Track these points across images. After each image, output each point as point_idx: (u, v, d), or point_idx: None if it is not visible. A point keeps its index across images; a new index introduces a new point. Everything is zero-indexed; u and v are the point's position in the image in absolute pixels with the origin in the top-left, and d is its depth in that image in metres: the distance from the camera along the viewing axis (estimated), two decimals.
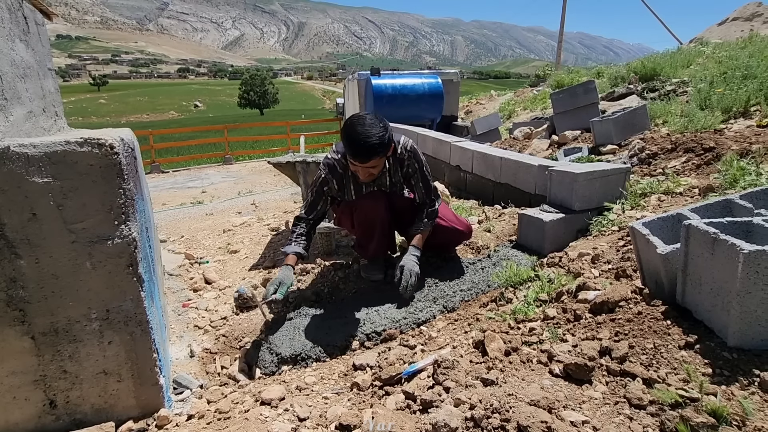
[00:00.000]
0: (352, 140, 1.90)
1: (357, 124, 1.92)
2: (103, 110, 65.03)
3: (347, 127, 1.93)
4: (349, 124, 1.94)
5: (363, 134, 1.89)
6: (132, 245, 1.35)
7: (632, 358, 1.20)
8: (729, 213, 1.49)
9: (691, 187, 2.39)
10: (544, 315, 1.61)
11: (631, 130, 3.64)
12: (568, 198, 2.44)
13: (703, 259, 1.19)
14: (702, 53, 5.83)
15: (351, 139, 1.90)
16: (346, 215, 2.32)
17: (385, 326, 1.92)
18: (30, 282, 1.26)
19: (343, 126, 1.98)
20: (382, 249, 2.41)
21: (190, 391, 1.66)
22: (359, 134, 1.89)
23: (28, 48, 1.62)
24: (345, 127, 1.95)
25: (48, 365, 1.33)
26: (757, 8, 9.59)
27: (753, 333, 1.10)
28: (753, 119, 3.19)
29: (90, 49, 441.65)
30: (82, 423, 1.39)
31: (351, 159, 1.97)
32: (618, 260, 1.84)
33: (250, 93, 53.48)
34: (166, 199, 6.42)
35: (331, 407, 1.36)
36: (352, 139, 1.90)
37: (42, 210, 1.24)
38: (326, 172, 2.14)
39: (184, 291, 2.62)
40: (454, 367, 1.32)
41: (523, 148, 4.91)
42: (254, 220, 4.24)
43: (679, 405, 1.01)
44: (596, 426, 1.02)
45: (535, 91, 9.00)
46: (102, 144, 1.27)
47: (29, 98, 1.56)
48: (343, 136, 1.95)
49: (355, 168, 2.01)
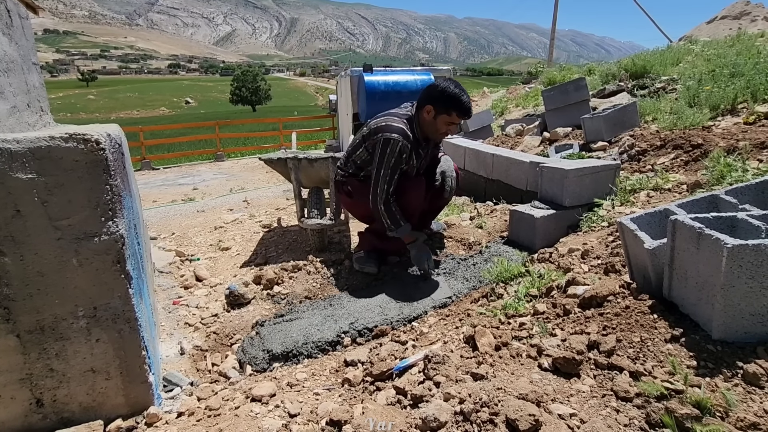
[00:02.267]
0: (459, 97, 2.16)
1: (453, 85, 2.18)
2: (92, 106, 64.12)
3: (447, 89, 2.16)
4: (446, 86, 2.17)
5: (464, 92, 2.19)
6: (119, 242, 1.33)
7: (619, 352, 1.22)
8: (715, 208, 1.51)
9: (680, 183, 2.42)
10: (534, 310, 1.62)
11: (621, 127, 3.68)
12: (559, 194, 2.46)
13: (688, 254, 1.21)
14: (691, 51, 5.89)
15: (458, 96, 2.16)
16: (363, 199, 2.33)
17: (376, 322, 1.92)
18: (14, 279, 1.24)
19: (439, 90, 2.18)
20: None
21: (180, 389, 1.66)
22: (462, 92, 2.18)
23: (11, 42, 1.58)
24: (444, 90, 2.17)
25: (34, 363, 1.31)
26: (745, 7, 9.70)
27: (736, 326, 1.12)
28: (740, 116, 3.23)
29: (78, 44, 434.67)
30: (70, 421, 1.37)
31: (457, 113, 2.19)
32: (607, 255, 1.86)
33: (241, 89, 53.05)
34: (156, 197, 6.36)
35: (322, 403, 1.36)
36: (459, 97, 2.16)
37: (26, 206, 1.22)
38: (403, 141, 2.20)
39: (175, 288, 2.60)
40: (444, 362, 1.33)
41: (514, 144, 4.93)
42: (246, 217, 4.21)
43: (665, 397, 1.03)
44: (584, 418, 1.03)
45: (527, 89, 9.04)
46: (87, 139, 1.25)
47: (13, 93, 1.53)
48: (444, 97, 2.17)
49: (448, 126, 2.25)
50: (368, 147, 2.32)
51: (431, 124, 2.25)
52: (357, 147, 2.39)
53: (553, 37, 16.34)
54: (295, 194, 3.02)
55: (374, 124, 2.31)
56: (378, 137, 2.23)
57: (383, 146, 2.20)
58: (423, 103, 2.25)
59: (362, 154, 2.37)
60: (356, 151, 2.39)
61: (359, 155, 2.38)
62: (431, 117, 2.23)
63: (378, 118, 2.34)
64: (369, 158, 2.32)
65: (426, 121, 2.26)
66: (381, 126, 2.26)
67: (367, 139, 2.32)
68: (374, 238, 2.53)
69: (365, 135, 2.34)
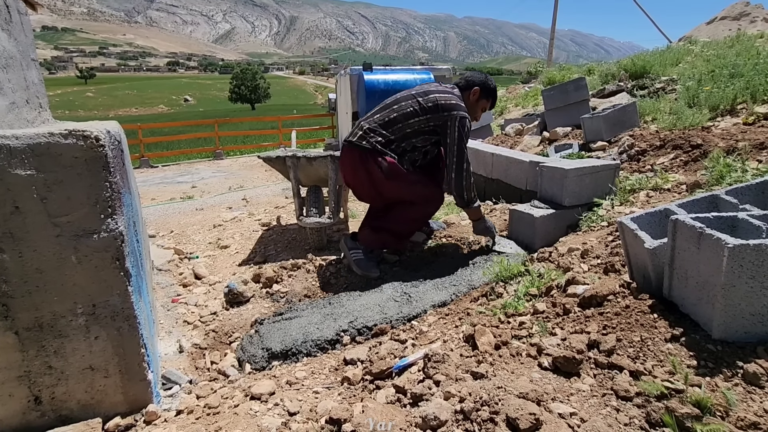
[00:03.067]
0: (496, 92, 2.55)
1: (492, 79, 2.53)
2: (91, 104, 63.91)
3: (491, 80, 2.51)
4: (488, 77, 2.51)
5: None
6: (119, 239, 1.33)
7: (619, 351, 1.22)
8: (715, 208, 1.51)
9: (679, 183, 2.42)
10: (534, 309, 1.62)
11: (621, 127, 3.68)
12: (559, 194, 2.46)
13: (689, 254, 1.21)
14: (691, 52, 5.90)
15: (496, 89, 2.54)
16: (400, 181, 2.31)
17: (376, 321, 1.92)
18: (13, 276, 1.23)
19: (486, 77, 2.50)
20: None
21: (179, 387, 1.65)
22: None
23: (10, 38, 1.58)
24: (489, 79, 2.50)
25: (32, 361, 1.30)
26: (744, 8, 9.72)
27: (737, 325, 1.12)
28: (739, 117, 3.24)
29: (77, 41, 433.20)
30: (69, 419, 1.37)
31: (491, 103, 2.54)
32: (607, 255, 1.86)
33: (241, 87, 52.92)
34: (155, 194, 6.34)
35: (322, 401, 1.35)
36: (496, 91, 2.54)
37: (25, 203, 1.21)
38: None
39: (174, 286, 2.59)
40: (444, 361, 1.33)
41: (514, 144, 4.93)
42: (245, 216, 4.20)
43: (665, 396, 1.03)
44: (584, 418, 1.03)
45: (526, 88, 9.04)
46: (87, 136, 1.25)
47: (12, 89, 1.52)
48: (488, 85, 2.47)
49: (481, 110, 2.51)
50: (434, 120, 2.27)
51: (473, 105, 2.44)
52: (412, 116, 2.28)
53: (552, 36, 16.35)
54: (294, 193, 3.02)
55: (443, 100, 2.28)
56: (454, 114, 2.25)
57: (461, 124, 2.24)
58: (471, 85, 2.43)
59: (420, 123, 2.28)
60: (409, 120, 2.27)
61: (414, 124, 2.28)
62: (475, 99, 2.43)
63: (439, 92, 2.32)
64: (427, 129, 2.30)
65: (470, 102, 2.42)
66: (453, 104, 2.28)
67: (431, 112, 2.27)
68: (391, 238, 2.48)
69: (428, 107, 2.27)
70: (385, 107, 2.38)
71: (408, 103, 2.31)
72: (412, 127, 2.29)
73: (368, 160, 2.27)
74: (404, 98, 2.35)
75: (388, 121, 2.30)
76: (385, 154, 2.27)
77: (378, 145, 2.27)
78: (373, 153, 2.27)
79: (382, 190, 2.34)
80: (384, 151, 2.27)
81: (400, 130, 2.29)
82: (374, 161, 2.27)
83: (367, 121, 2.36)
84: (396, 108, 2.33)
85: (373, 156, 2.27)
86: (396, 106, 2.33)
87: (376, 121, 2.33)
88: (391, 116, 2.31)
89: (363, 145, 2.28)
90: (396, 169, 2.29)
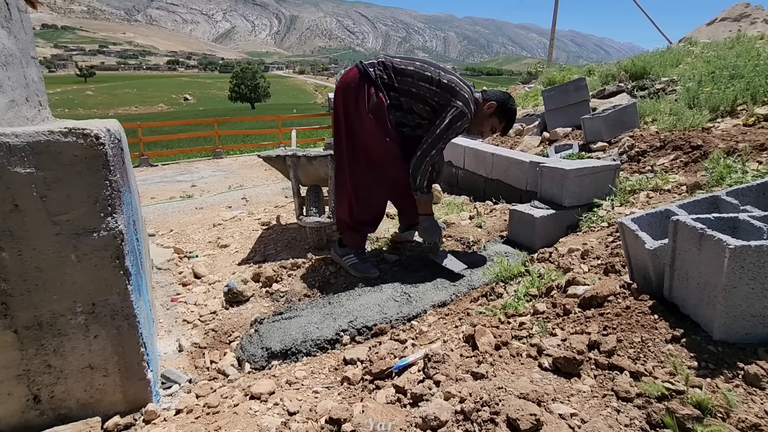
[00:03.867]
0: (514, 117, 2.37)
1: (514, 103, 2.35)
2: (90, 102, 63.85)
3: (514, 105, 2.35)
4: (513, 102, 2.35)
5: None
6: (118, 238, 1.32)
7: (620, 352, 1.22)
8: (716, 209, 1.51)
9: (679, 184, 2.42)
10: (534, 309, 1.62)
11: (621, 127, 3.68)
12: (559, 194, 2.46)
13: (690, 255, 1.21)
14: (691, 53, 5.90)
15: (515, 115, 2.37)
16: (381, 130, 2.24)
17: (376, 321, 1.92)
18: (12, 275, 1.23)
19: (509, 99, 2.34)
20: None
21: (178, 386, 1.65)
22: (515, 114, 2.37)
23: (10, 35, 1.57)
24: (512, 103, 2.34)
25: (31, 360, 1.30)
26: (745, 9, 9.72)
27: (737, 327, 1.12)
28: (740, 118, 3.24)
29: (76, 39, 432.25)
30: (68, 418, 1.36)
31: (504, 126, 2.37)
32: (607, 256, 1.86)
33: (241, 87, 52.90)
34: (155, 193, 6.33)
35: (321, 401, 1.35)
36: (514, 116, 2.37)
37: (24, 201, 1.21)
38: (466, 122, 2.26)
39: (173, 285, 2.59)
40: (444, 361, 1.32)
41: (514, 144, 4.93)
42: (245, 215, 4.20)
43: (666, 397, 1.03)
44: (584, 418, 1.03)
45: (526, 88, 9.04)
46: (87, 134, 1.24)
47: (11, 87, 1.52)
48: (508, 108, 2.32)
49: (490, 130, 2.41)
50: (439, 97, 2.21)
51: (484, 118, 2.33)
52: (425, 80, 2.22)
53: (552, 37, 16.35)
54: (293, 192, 3.01)
55: (458, 88, 2.22)
56: (457, 104, 2.19)
57: (455, 116, 2.18)
58: (490, 98, 2.31)
59: (428, 93, 2.23)
60: (420, 82, 2.22)
61: (423, 88, 2.22)
62: (489, 113, 2.31)
63: (459, 81, 2.26)
64: (430, 102, 2.24)
65: (482, 113, 2.31)
66: (462, 96, 2.21)
67: (442, 88, 2.21)
68: (371, 227, 2.48)
69: (442, 84, 2.21)
70: (407, 59, 2.31)
71: (429, 69, 2.26)
72: (420, 90, 2.23)
73: (364, 86, 2.22)
74: (429, 64, 2.30)
75: (402, 70, 2.24)
76: (380, 91, 2.22)
77: (380, 80, 2.23)
78: (371, 83, 2.22)
79: (356, 126, 2.26)
80: (381, 88, 2.23)
81: (407, 85, 2.23)
82: (367, 90, 2.21)
83: (385, 58, 2.31)
84: (417, 65, 2.26)
85: (370, 86, 2.22)
86: (418, 64, 2.27)
87: (393, 63, 2.26)
88: (408, 68, 2.24)
89: (368, 71, 2.23)
90: (382, 109, 2.22)
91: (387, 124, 2.24)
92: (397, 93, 2.25)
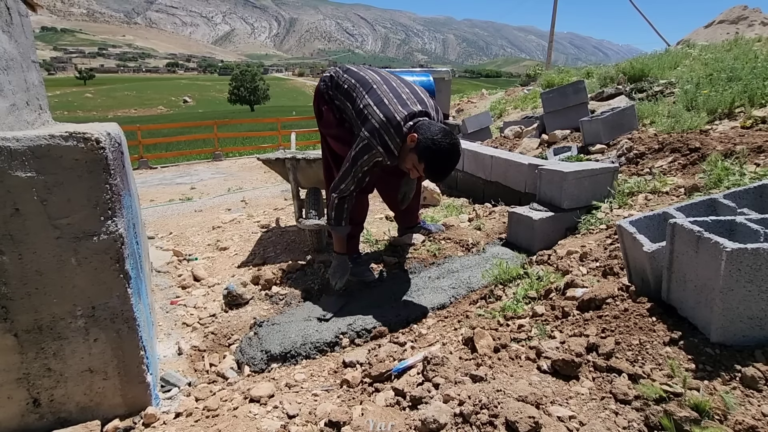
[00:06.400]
0: (440, 162, 1.81)
1: (449, 146, 1.79)
2: (90, 104, 63.86)
3: (441, 146, 1.78)
4: (442, 142, 1.78)
5: (451, 159, 1.82)
6: (118, 241, 1.33)
7: (618, 354, 1.22)
8: (713, 212, 1.52)
9: (677, 186, 2.43)
10: (533, 312, 1.62)
11: (620, 129, 3.69)
12: (558, 196, 2.47)
13: (687, 257, 1.22)
14: (689, 55, 5.92)
15: (440, 160, 1.81)
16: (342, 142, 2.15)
17: (375, 323, 1.92)
18: (13, 278, 1.23)
19: (435, 136, 1.79)
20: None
21: (178, 389, 1.65)
22: (449, 159, 1.81)
23: (11, 39, 1.58)
24: (437, 142, 1.78)
25: (31, 363, 1.30)
26: (742, 11, 9.77)
27: (735, 329, 1.13)
28: (737, 120, 3.25)
29: (76, 42, 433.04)
30: (67, 422, 1.37)
31: (425, 170, 1.85)
32: (605, 258, 1.86)
33: (240, 89, 52.92)
34: (154, 196, 6.33)
35: (321, 404, 1.35)
36: (441, 161, 1.81)
37: (25, 205, 1.21)
38: (384, 157, 1.94)
39: (173, 288, 2.59)
40: (443, 363, 1.33)
41: (513, 146, 4.94)
42: (244, 217, 4.20)
43: (663, 400, 1.03)
44: (583, 421, 1.04)
45: (525, 91, 9.06)
46: (88, 138, 1.25)
47: (12, 91, 1.52)
48: (430, 148, 1.79)
49: (411, 169, 1.93)
50: (357, 124, 2.02)
51: (405, 152, 1.90)
52: (350, 101, 2.08)
53: (551, 39, 16.40)
54: (293, 194, 3.02)
55: (370, 115, 1.94)
56: (363, 135, 1.93)
57: (363, 150, 1.93)
58: (417, 130, 1.86)
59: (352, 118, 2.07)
60: (347, 102, 2.09)
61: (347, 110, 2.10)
62: (409, 147, 1.87)
63: (383, 107, 1.94)
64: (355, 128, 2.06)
65: (405, 145, 1.89)
66: (373, 126, 1.91)
67: (355, 121, 2.04)
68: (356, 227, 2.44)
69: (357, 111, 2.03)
70: (355, 72, 2.18)
71: (359, 88, 2.08)
72: (347, 111, 2.13)
73: (317, 100, 2.28)
74: (370, 80, 2.08)
75: (338, 86, 2.16)
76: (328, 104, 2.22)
77: (326, 95, 2.22)
78: (320, 97, 2.26)
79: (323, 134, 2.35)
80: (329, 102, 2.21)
81: (341, 102, 2.15)
82: (319, 104, 2.27)
83: (335, 70, 2.26)
84: (352, 83, 2.11)
85: (320, 99, 2.26)
86: (358, 77, 2.13)
87: (339, 76, 2.18)
88: (344, 85, 2.13)
89: (319, 84, 2.27)
90: (330, 122, 2.21)
91: (340, 135, 2.19)
92: (338, 110, 2.18)
